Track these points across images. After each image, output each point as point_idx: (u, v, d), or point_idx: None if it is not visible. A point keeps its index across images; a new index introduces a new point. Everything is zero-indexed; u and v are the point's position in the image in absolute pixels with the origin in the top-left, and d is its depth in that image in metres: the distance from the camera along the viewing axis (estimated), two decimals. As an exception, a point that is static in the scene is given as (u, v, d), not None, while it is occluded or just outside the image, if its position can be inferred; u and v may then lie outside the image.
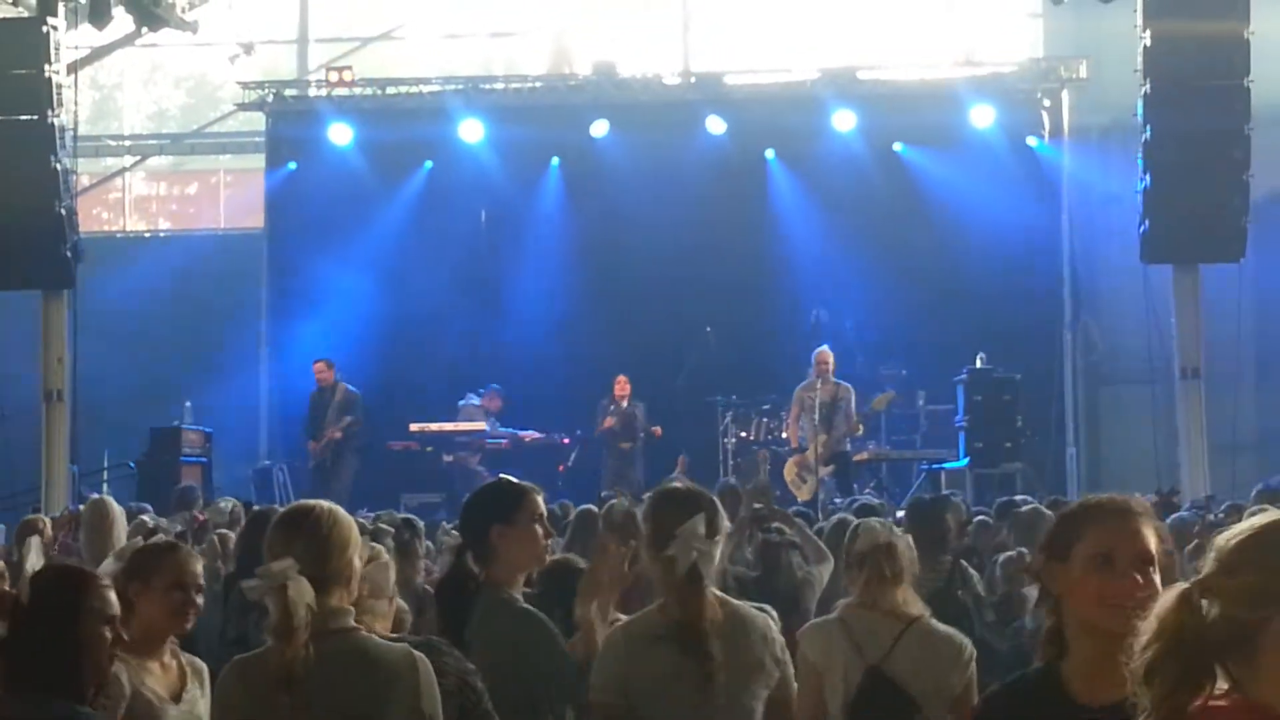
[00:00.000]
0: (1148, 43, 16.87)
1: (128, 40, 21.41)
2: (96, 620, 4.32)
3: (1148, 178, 17.04)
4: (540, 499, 5.48)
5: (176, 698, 5.09)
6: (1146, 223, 17.23)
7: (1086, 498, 3.58)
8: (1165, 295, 17.81)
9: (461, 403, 19.42)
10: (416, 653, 4.27)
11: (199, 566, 5.36)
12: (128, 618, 4.76)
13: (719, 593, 4.94)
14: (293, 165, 21.66)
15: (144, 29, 19.95)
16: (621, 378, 18.92)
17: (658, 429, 18.90)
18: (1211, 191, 16.72)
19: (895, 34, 22.41)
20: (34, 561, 10.03)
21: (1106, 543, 3.35)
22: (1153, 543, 3.36)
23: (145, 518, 11.64)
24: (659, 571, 4.91)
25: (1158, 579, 3.30)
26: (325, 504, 4.39)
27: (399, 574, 8.24)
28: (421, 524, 9.72)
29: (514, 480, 5.66)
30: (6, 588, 5.55)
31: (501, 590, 5.34)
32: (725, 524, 5.07)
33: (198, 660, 5.29)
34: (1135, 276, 18.29)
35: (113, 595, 4.42)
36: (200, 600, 5.24)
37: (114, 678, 4.59)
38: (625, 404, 18.82)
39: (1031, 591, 6.80)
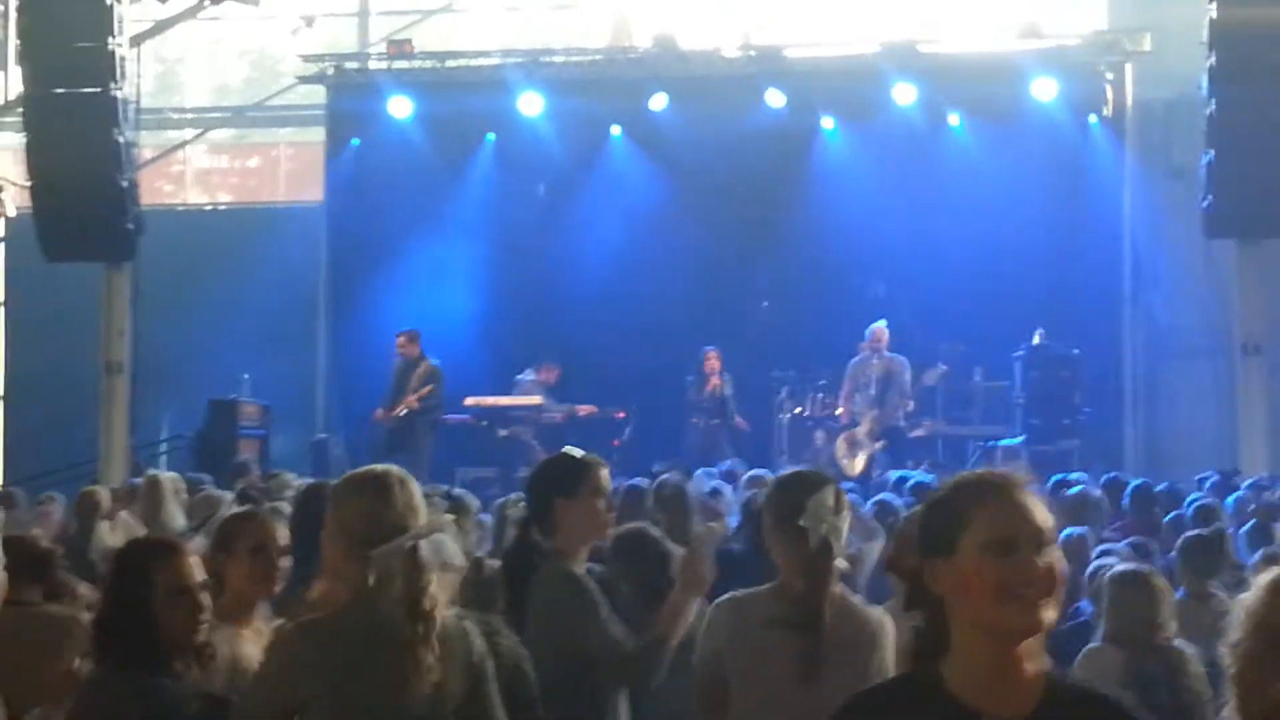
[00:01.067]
0: (1214, 14, 16.67)
1: (190, 13, 21.52)
2: (169, 592, 4.36)
3: (1212, 152, 16.86)
4: (604, 472, 5.57)
5: None
6: (1210, 197, 17.06)
7: (959, 478, 3.07)
8: (1227, 270, 17.63)
9: (518, 377, 19.43)
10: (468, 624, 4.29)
11: (281, 529, 5.37)
12: (219, 587, 4.83)
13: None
14: (356, 142, 21.73)
15: (206, 2, 20.05)
16: (711, 352, 18.77)
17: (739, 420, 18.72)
18: (1276, 166, 16.51)
19: (956, 6, 22.22)
20: (119, 536, 10.16)
21: (1002, 526, 2.92)
22: (1047, 518, 2.97)
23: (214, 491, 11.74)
24: (784, 546, 4.87)
25: (1058, 559, 2.95)
26: (395, 468, 4.39)
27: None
28: (475, 500, 9.70)
29: (577, 453, 5.69)
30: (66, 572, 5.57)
31: (564, 561, 5.40)
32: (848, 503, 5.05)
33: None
34: (1197, 251, 18.13)
35: (189, 564, 4.46)
36: (285, 563, 5.24)
37: (209, 647, 4.61)
38: (716, 380, 18.64)
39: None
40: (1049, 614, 2.87)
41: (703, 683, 4.93)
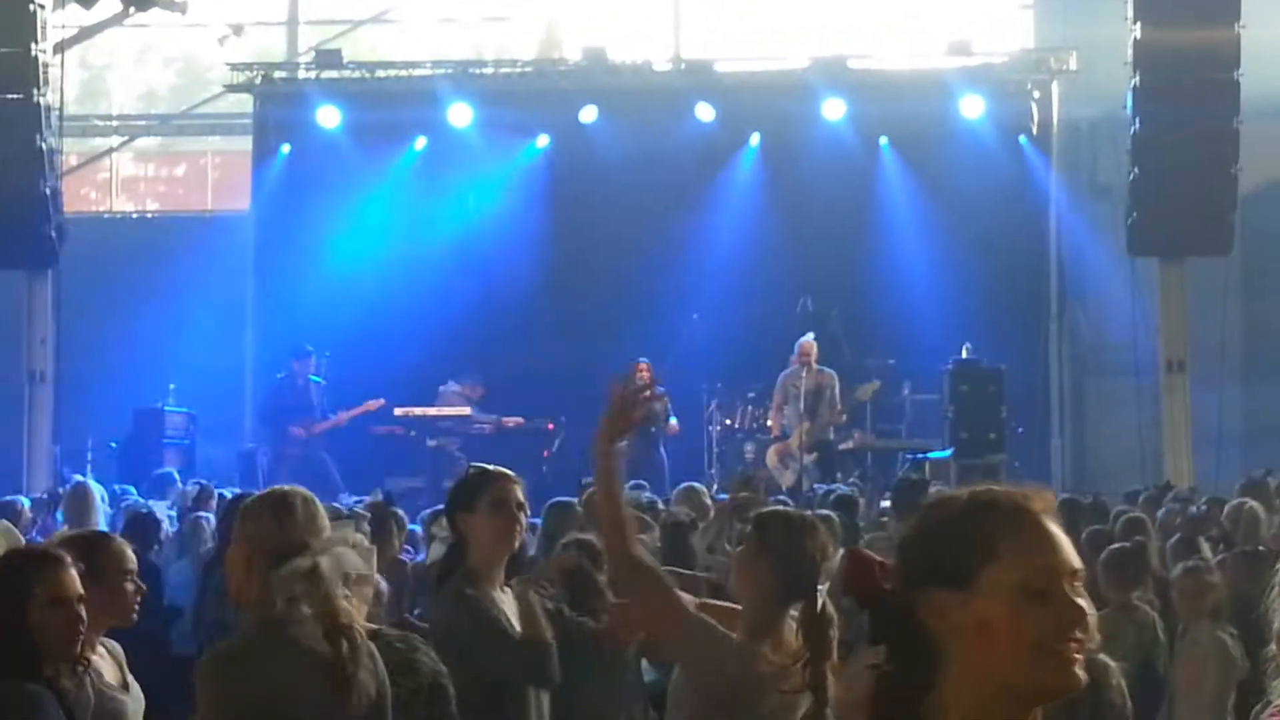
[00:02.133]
0: (1138, 35, 16.91)
1: (116, 20, 21.35)
2: (44, 602, 4.31)
3: (1136, 170, 17.06)
4: (509, 485, 5.52)
5: (124, 685, 5.04)
6: (1134, 215, 17.26)
7: (978, 495, 2.53)
8: (1152, 287, 17.83)
9: (441, 388, 19.35)
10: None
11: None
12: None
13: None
14: (285, 149, 21.61)
15: (132, 9, 19.88)
16: (641, 364, 18.72)
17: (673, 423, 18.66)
18: (1199, 185, 16.76)
19: (886, 23, 22.39)
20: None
21: (1038, 565, 2.43)
22: (1074, 553, 2.51)
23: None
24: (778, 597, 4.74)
25: (1088, 604, 2.47)
26: (300, 488, 4.38)
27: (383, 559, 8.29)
28: (400, 512, 9.64)
29: (479, 467, 5.69)
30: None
31: (467, 581, 5.40)
32: None
33: (113, 642, 5.17)
34: (1122, 269, 18.31)
35: (69, 575, 4.40)
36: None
37: (85, 659, 4.56)
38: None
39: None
40: (1083, 673, 2.43)
41: None
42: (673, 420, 18.57)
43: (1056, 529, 2.48)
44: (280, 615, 4.01)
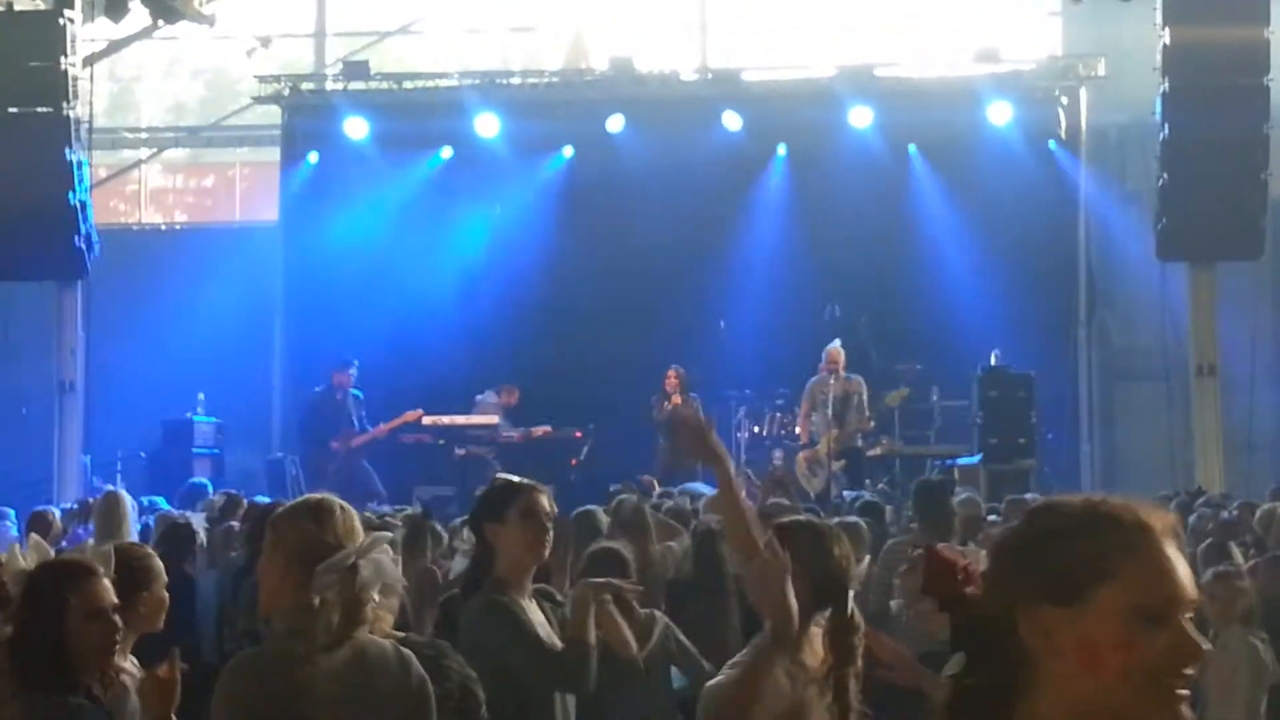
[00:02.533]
0: (1167, 41, 16.85)
1: (145, 33, 21.46)
2: (81, 614, 4.31)
3: (1165, 176, 17.00)
4: (537, 495, 5.55)
5: None
6: (1164, 220, 17.21)
7: (1094, 507, 2.35)
8: (1181, 293, 17.76)
9: (479, 398, 19.40)
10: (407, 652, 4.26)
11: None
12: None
13: None
14: (313, 158, 21.68)
15: (160, 22, 19.98)
16: (671, 371, 18.69)
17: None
18: (1229, 190, 16.70)
19: (913, 31, 22.35)
20: (31, 559, 10.06)
21: (1157, 589, 2.28)
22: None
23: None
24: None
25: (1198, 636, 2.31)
26: (334, 496, 4.38)
27: (409, 569, 8.29)
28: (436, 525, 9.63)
29: (507, 478, 5.72)
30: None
31: (496, 589, 5.41)
32: None
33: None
34: (1152, 274, 18.26)
35: (104, 586, 4.41)
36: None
37: (119, 670, 4.57)
38: (676, 400, 18.57)
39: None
40: (1188, 711, 2.29)
41: None
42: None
43: (1176, 553, 2.32)
44: (309, 625, 4.01)
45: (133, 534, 10.61)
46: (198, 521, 10.71)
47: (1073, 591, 2.27)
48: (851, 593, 4.57)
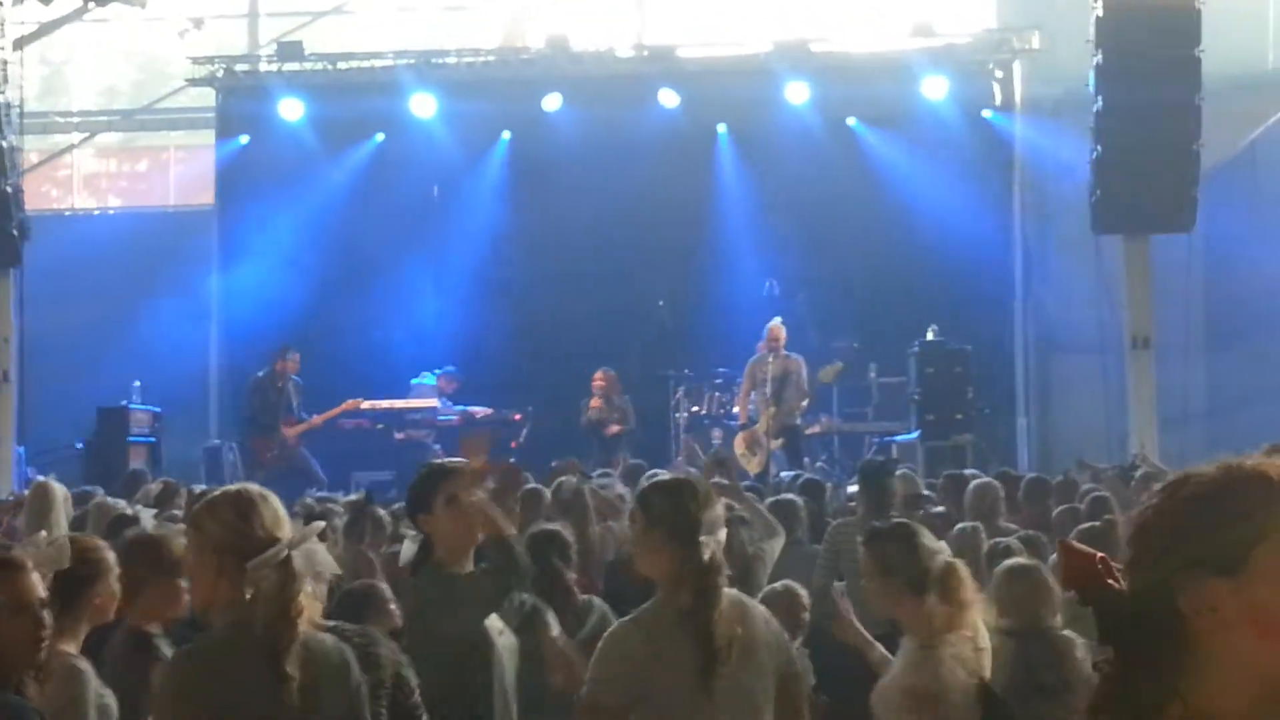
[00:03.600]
0: (1099, 13, 16.87)
1: (76, 15, 21.23)
2: (9, 609, 4.27)
3: (1099, 148, 17.07)
4: (459, 478, 5.55)
5: None
6: (1098, 193, 17.27)
7: (1238, 468, 2.24)
8: (1116, 265, 17.85)
9: (415, 381, 19.34)
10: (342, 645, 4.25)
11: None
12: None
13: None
14: (244, 139, 21.52)
15: (91, 4, 19.76)
16: (598, 373, 18.71)
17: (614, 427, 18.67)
18: (1162, 162, 16.75)
19: (848, 6, 22.38)
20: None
21: None
22: None
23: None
24: (675, 560, 4.79)
25: None
26: (254, 486, 4.35)
27: (349, 555, 8.25)
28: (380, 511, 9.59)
29: (429, 465, 5.73)
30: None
31: (440, 569, 5.42)
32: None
33: None
34: (1087, 247, 18.33)
35: (30, 581, 4.37)
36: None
37: (47, 666, 4.53)
38: (596, 401, 18.61)
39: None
40: None
41: (609, 707, 4.84)
42: (614, 427, 18.56)
43: None
44: (246, 613, 3.98)
45: (64, 524, 10.51)
46: (146, 515, 10.60)
47: (1233, 558, 2.15)
48: (709, 537, 4.71)
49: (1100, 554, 2.29)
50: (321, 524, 4.45)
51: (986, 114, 20.68)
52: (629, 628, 4.84)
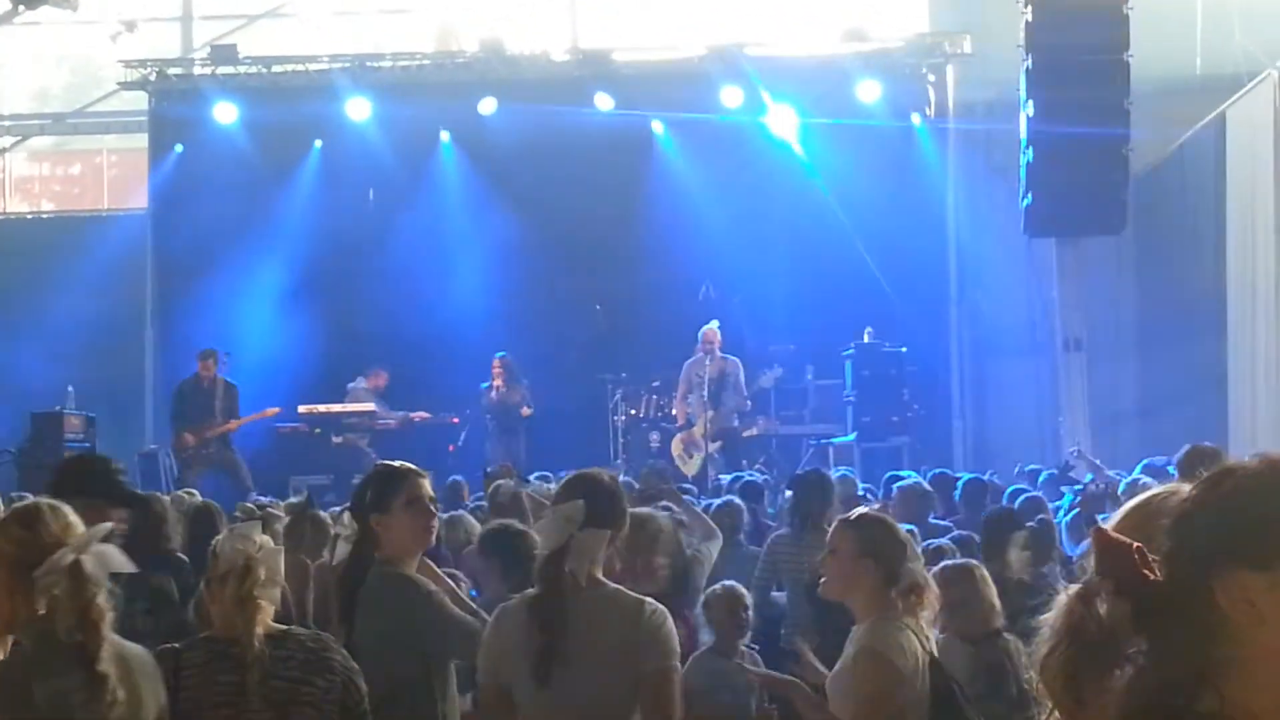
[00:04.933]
0: (1029, 17, 17.06)
1: (6, 18, 21.05)
2: None
3: (1030, 152, 17.25)
4: (419, 481, 5.61)
5: None
6: (1029, 196, 17.45)
7: (1273, 461, 2.26)
8: (1049, 268, 18.04)
9: (350, 385, 19.32)
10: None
11: None
12: None
13: (599, 576, 4.90)
14: (179, 148, 21.41)
15: (21, 7, 19.62)
16: (495, 359, 18.80)
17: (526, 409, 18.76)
18: (1092, 165, 16.96)
19: (782, 10, 22.48)
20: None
21: None
22: None
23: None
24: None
25: None
26: (44, 500, 4.31)
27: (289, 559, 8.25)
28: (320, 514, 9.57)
29: (387, 466, 5.73)
30: None
31: (390, 565, 5.46)
32: (620, 516, 5.01)
33: None
34: (1019, 250, 18.51)
35: None
36: None
37: None
38: (499, 384, 18.70)
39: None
40: None
41: (484, 686, 4.97)
42: (525, 409, 18.64)
43: None
44: (50, 633, 3.92)
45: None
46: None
47: (1272, 553, 2.14)
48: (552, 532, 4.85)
49: (1138, 544, 2.27)
50: (108, 526, 4.41)
51: (918, 119, 20.81)
52: (494, 614, 5.05)
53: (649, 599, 4.94)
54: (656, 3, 22.84)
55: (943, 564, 6.77)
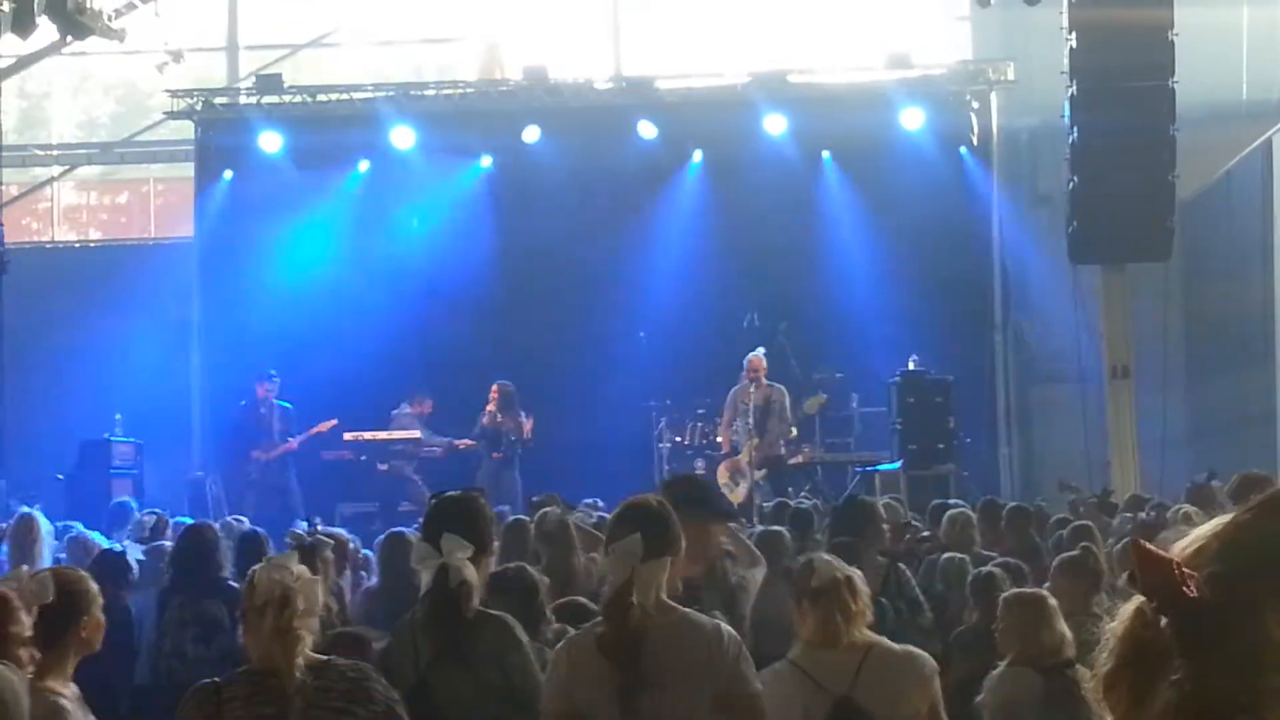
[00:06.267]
0: (1073, 44, 17.02)
1: (54, 49, 21.21)
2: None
3: (1075, 179, 17.19)
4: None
5: None
6: (1074, 223, 17.38)
7: None
8: (1094, 295, 17.96)
9: (394, 412, 19.35)
10: None
11: None
12: None
13: (666, 600, 4.92)
14: (228, 175, 21.53)
15: (70, 37, 19.77)
16: (494, 386, 18.78)
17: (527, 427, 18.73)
18: (1138, 192, 16.89)
19: (826, 37, 22.51)
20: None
21: None
22: None
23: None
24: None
25: None
26: None
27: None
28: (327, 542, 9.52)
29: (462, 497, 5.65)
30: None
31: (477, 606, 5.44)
32: (675, 540, 5.03)
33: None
34: (1064, 277, 18.44)
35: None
36: None
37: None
38: (490, 409, 18.69)
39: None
40: None
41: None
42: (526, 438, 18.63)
43: None
44: None
45: (47, 557, 10.49)
46: (133, 553, 10.58)
47: None
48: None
49: (1178, 560, 2.17)
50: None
51: (962, 145, 20.76)
52: (559, 648, 5.10)
53: (722, 623, 4.99)
54: (700, 30, 22.88)
55: (1014, 592, 6.73)
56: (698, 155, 21.08)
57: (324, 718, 4.43)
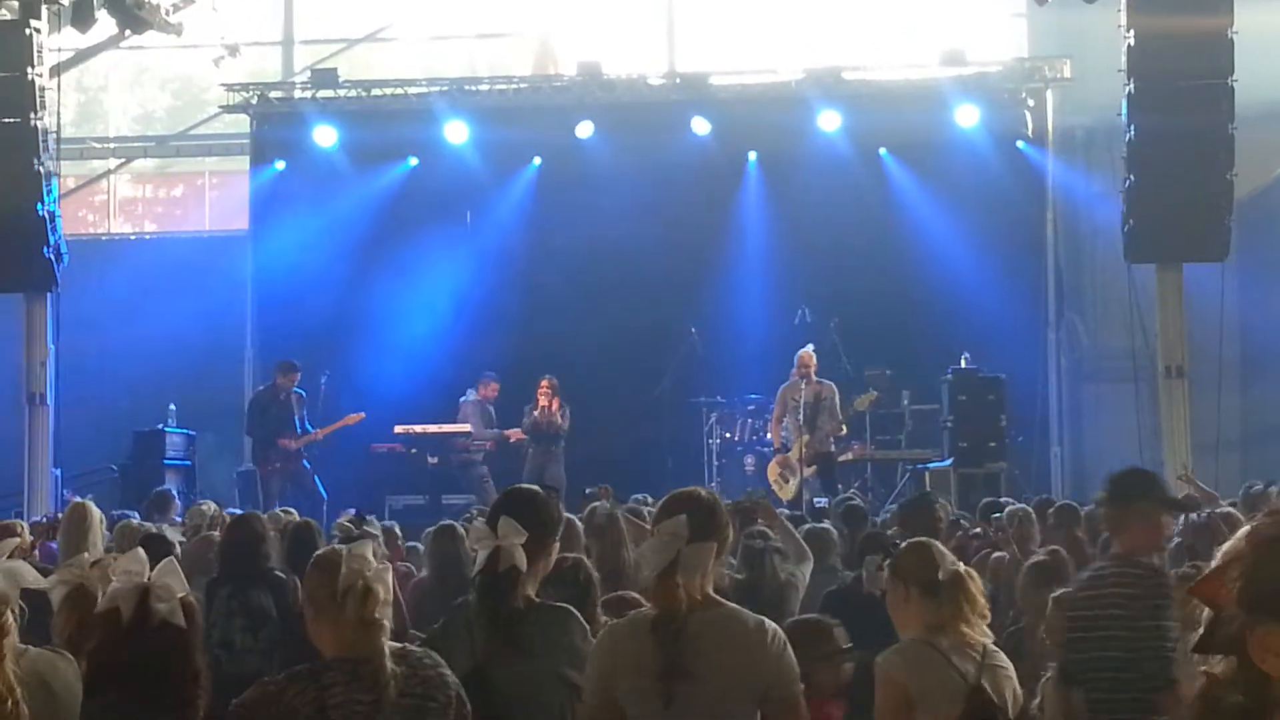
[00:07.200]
0: (1131, 42, 16.87)
1: (112, 43, 21.40)
2: None
3: (1131, 177, 17.05)
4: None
5: None
6: (1130, 222, 17.25)
7: None
8: (1149, 294, 17.82)
9: (461, 400, 19.32)
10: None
11: None
12: None
13: (712, 594, 4.90)
14: (280, 165, 21.62)
15: (127, 31, 19.91)
16: (543, 380, 18.71)
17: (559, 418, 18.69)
18: (1195, 191, 16.73)
19: (880, 34, 22.44)
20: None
21: None
22: None
23: (133, 521, 11.60)
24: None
25: None
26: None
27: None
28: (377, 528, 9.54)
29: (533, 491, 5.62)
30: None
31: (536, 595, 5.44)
32: (722, 528, 5.00)
33: None
34: (1120, 275, 18.31)
35: None
36: None
37: None
38: (543, 403, 18.62)
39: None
40: None
41: (591, 706, 4.96)
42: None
43: None
44: None
45: (100, 545, 10.55)
46: (172, 535, 10.63)
47: None
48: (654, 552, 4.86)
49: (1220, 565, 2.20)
50: (16, 540, 4.37)
51: (1019, 144, 20.65)
52: (602, 634, 5.11)
53: (767, 619, 4.93)
54: (754, 26, 22.84)
55: (1063, 593, 6.68)
56: (751, 152, 21.04)
57: (412, 704, 4.45)
